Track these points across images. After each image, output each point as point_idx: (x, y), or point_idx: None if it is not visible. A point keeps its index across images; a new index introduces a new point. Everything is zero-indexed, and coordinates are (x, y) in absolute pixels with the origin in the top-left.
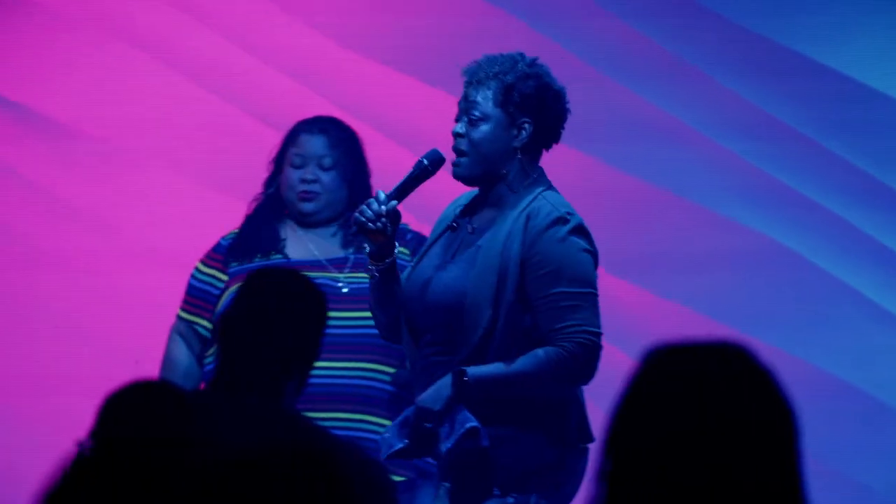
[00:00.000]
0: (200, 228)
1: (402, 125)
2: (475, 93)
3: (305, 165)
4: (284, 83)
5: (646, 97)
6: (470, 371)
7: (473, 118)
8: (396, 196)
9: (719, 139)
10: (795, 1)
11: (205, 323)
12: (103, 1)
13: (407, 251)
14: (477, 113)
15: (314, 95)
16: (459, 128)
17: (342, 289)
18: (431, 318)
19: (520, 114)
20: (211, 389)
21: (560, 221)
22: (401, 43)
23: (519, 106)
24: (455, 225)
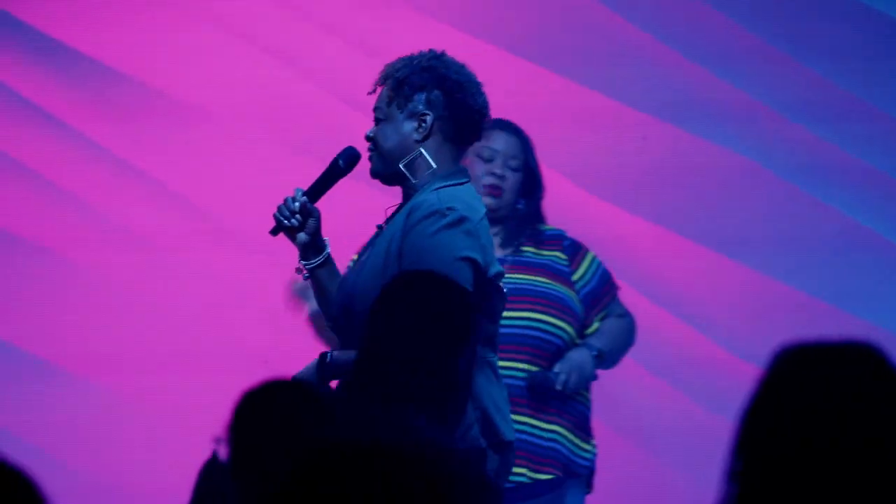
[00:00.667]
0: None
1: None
2: (378, 94)
3: (494, 160)
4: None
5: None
6: (332, 355)
7: (377, 119)
8: (310, 194)
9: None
10: None
11: None
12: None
13: (565, 256)
14: (378, 113)
15: None
16: (370, 131)
17: None
18: (338, 318)
19: (415, 107)
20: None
21: (435, 215)
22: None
23: (412, 99)
24: (380, 226)
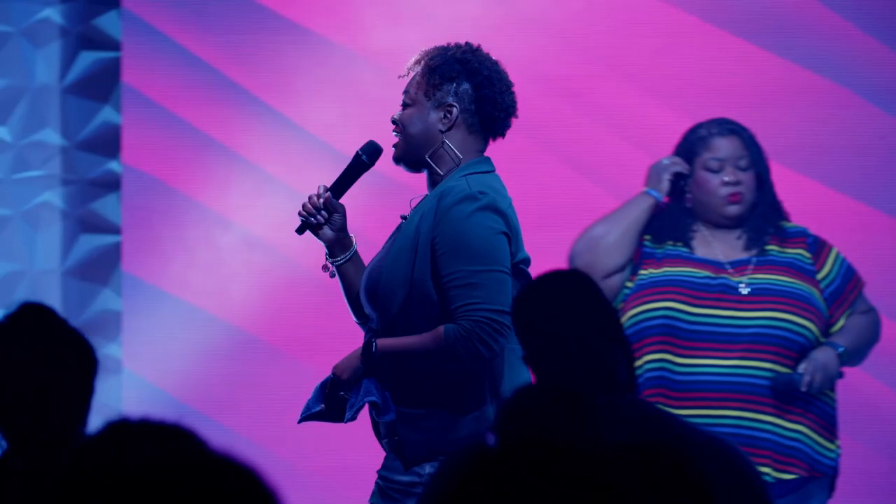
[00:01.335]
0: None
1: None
2: (408, 81)
3: (724, 168)
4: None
5: None
6: (378, 343)
7: (404, 104)
8: (334, 190)
9: None
10: None
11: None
12: None
13: (809, 255)
14: (406, 98)
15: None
16: (396, 115)
17: (742, 290)
18: (365, 304)
19: (443, 97)
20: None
21: (468, 199)
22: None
23: (440, 89)
24: (404, 217)
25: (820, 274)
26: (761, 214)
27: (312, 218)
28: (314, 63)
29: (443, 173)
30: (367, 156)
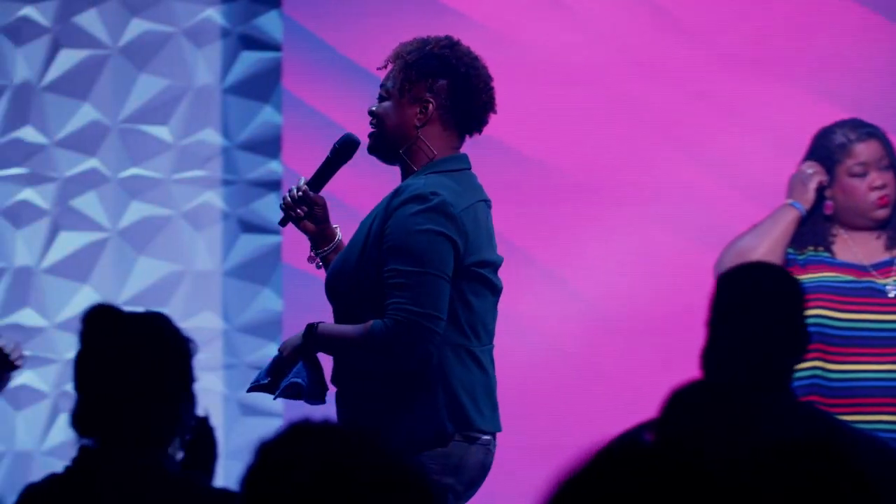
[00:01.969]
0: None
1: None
2: (386, 74)
3: (868, 173)
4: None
5: None
6: (320, 326)
7: (380, 97)
8: (313, 183)
9: None
10: None
11: None
12: None
13: None
14: (382, 91)
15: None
16: (372, 106)
17: (889, 292)
18: (327, 295)
19: (419, 93)
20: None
21: (417, 199)
22: None
23: (416, 84)
24: None
25: None
26: None
27: (292, 211)
28: None
29: (416, 168)
30: (343, 147)
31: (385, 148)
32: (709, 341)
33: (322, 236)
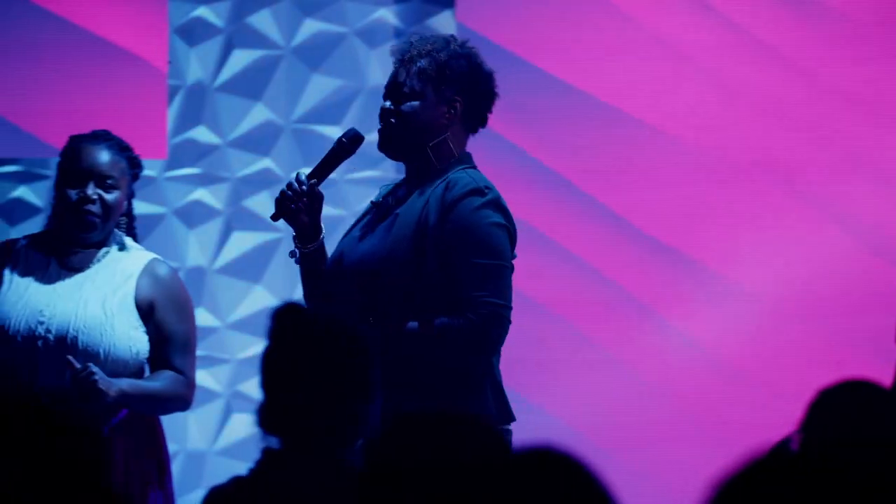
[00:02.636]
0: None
1: None
2: (406, 71)
3: None
4: None
5: None
6: (389, 327)
7: (404, 94)
8: (316, 175)
9: None
10: None
11: None
12: None
13: None
14: (407, 89)
15: None
16: (388, 104)
17: None
18: (348, 285)
19: (451, 91)
20: None
21: (476, 193)
22: None
23: (451, 83)
24: (378, 202)
25: None
26: None
27: (293, 204)
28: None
29: (440, 166)
30: (349, 141)
31: (407, 145)
32: None
33: (314, 230)
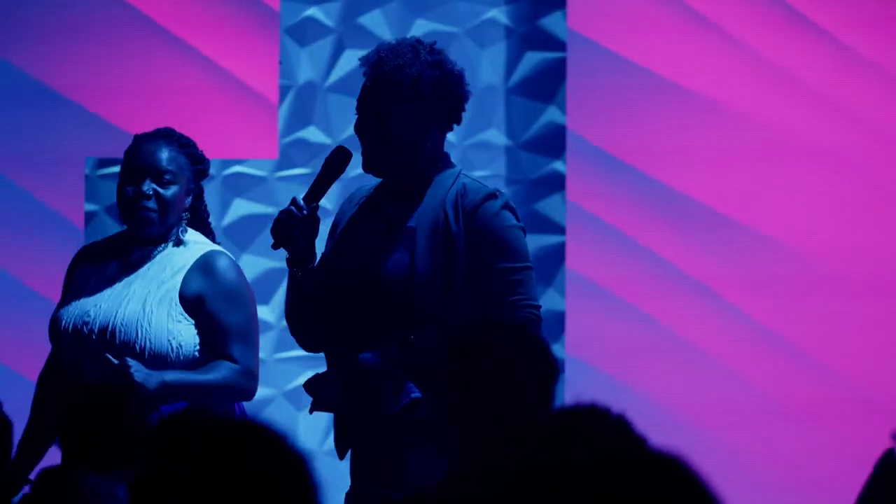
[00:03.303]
0: None
1: None
2: (381, 89)
3: None
4: None
5: None
6: (415, 338)
7: (383, 112)
8: (313, 198)
9: None
10: None
11: None
12: None
13: None
14: (384, 108)
15: None
16: (368, 122)
17: None
18: (374, 303)
19: (426, 102)
20: None
21: (491, 196)
22: None
23: (425, 95)
24: (360, 205)
25: None
26: None
27: (295, 230)
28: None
29: (429, 174)
30: (338, 161)
31: (399, 164)
32: None
33: (309, 253)
